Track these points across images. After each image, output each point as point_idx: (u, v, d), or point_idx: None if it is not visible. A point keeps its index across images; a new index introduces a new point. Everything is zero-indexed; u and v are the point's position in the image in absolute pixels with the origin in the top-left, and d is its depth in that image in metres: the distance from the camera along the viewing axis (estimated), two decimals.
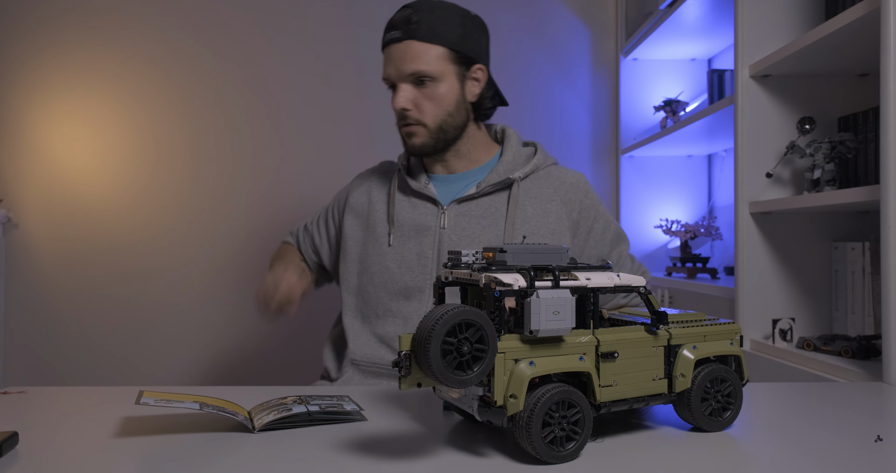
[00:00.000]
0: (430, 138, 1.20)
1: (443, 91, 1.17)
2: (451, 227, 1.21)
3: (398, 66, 1.15)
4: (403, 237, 1.23)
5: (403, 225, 1.23)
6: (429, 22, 1.14)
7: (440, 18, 1.15)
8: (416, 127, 1.19)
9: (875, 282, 1.34)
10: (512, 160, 1.26)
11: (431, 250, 1.21)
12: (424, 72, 1.15)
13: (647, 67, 2.43)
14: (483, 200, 1.23)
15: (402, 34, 1.13)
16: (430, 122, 1.18)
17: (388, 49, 1.17)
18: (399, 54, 1.15)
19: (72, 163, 2.43)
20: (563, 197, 1.25)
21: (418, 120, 1.18)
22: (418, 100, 1.17)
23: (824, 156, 1.40)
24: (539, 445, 0.62)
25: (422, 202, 1.25)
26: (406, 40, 1.14)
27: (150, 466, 0.66)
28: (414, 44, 1.14)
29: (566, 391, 0.64)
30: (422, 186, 1.25)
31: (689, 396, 0.72)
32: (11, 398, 0.94)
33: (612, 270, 0.72)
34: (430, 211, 1.23)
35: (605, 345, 0.68)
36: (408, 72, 1.15)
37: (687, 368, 0.71)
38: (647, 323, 0.73)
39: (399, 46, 1.14)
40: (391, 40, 1.16)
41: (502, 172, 1.23)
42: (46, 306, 2.43)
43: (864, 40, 1.27)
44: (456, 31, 1.17)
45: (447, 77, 1.17)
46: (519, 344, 0.65)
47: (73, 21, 2.42)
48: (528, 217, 1.21)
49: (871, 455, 0.67)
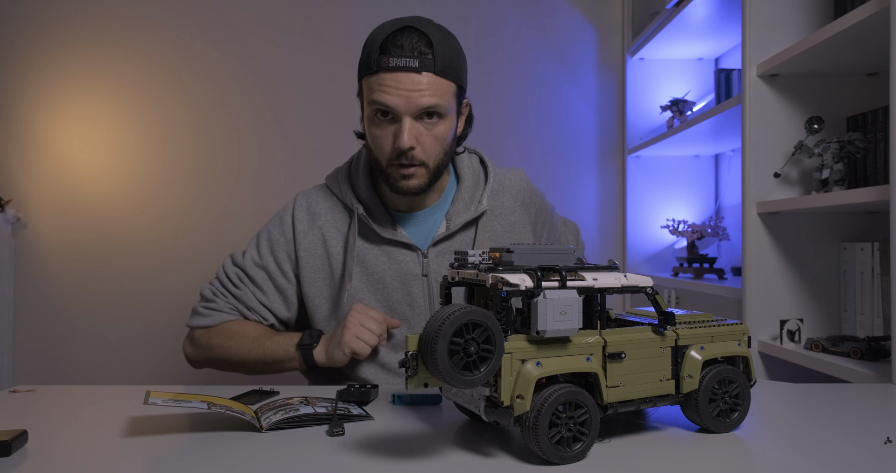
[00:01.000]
0: (427, 180, 1.09)
1: (445, 129, 1.07)
2: (436, 271, 1.15)
3: (412, 98, 1.01)
4: (387, 290, 1.15)
5: (384, 277, 1.14)
6: (445, 53, 1.03)
7: (452, 50, 1.05)
8: (417, 168, 1.07)
9: (884, 282, 1.33)
10: (472, 184, 1.19)
11: (423, 298, 1.15)
12: (441, 108, 1.04)
13: (653, 66, 2.43)
14: (458, 236, 1.17)
15: (420, 64, 1.01)
16: (431, 162, 1.08)
17: (396, 76, 1.01)
18: (413, 85, 1.01)
19: (80, 163, 2.45)
20: (521, 204, 1.23)
21: (422, 161, 1.06)
22: (422, 137, 1.05)
23: (833, 156, 1.39)
24: (546, 445, 0.62)
25: (397, 249, 1.15)
26: (425, 72, 1.01)
27: (158, 465, 0.66)
28: (431, 77, 1.02)
29: (573, 391, 0.64)
30: (392, 233, 1.14)
31: (697, 397, 0.72)
32: (21, 397, 0.95)
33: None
34: (409, 258, 1.14)
35: (612, 346, 0.68)
36: (423, 106, 1.02)
37: (694, 369, 0.71)
38: (655, 324, 0.72)
39: (415, 77, 1.01)
40: (404, 68, 1.01)
41: (468, 199, 1.17)
42: (55, 305, 2.44)
43: (872, 39, 1.26)
44: (462, 65, 1.09)
45: (451, 114, 1.08)
46: (526, 345, 0.65)
47: (81, 21, 2.43)
48: (497, 237, 1.18)
49: (880, 457, 0.67)
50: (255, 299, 1.17)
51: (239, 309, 1.18)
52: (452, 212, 1.17)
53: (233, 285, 1.18)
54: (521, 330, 0.68)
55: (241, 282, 1.18)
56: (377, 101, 1.03)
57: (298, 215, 1.18)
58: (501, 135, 2.45)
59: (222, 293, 1.19)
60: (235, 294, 1.18)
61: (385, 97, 1.02)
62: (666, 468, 0.63)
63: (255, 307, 1.17)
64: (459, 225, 1.15)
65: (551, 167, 2.50)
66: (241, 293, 1.17)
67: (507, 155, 2.45)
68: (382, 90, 1.02)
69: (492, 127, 2.41)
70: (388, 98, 1.02)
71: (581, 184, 2.52)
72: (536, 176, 2.50)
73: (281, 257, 1.18)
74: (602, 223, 2.52)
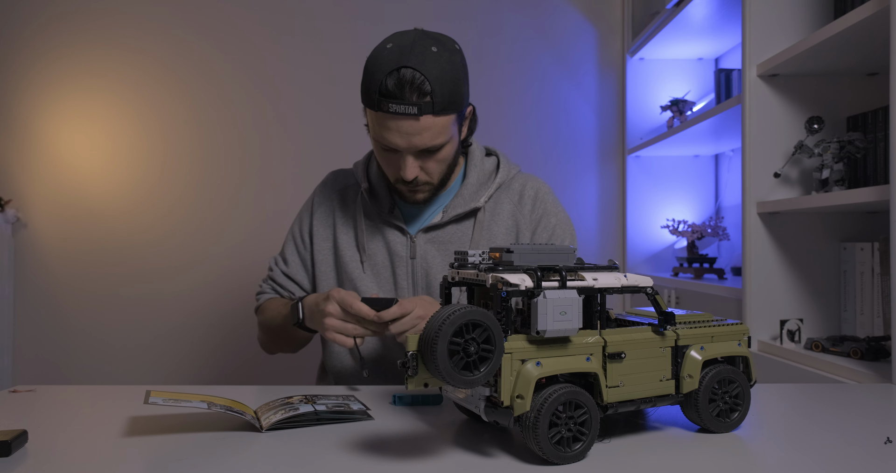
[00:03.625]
0: (432, 192, 1.18)
1: (448, 153, 1.13)
2: (422, 256, 1.20)
3: (412, 141, 1.06)
4: (377, 267, 1.21)
5: (375, 254, 1.21)
6: (444, 92, 1.04)
7: (453, 82, 1.05)
8: (422, 186, 1.15)
9: (884, 282, 1.33)
10: (476, 182, 1.23)
11: (406, 280, 1.20)
12: (440, 145, 1.09)
13: (653, 66, 2.43)
14: (449, 227, 1.21)
15: (419, 111, 1.02)
16: (436, 179, 1.16)
17: (398, 121, 1.04)
18: (413, 130, 1.04)
19: (80, 163, 2.45)
20: (521, 210, 1.25)
21: (426, 182, 1.15)
22: (425, 166, 1.12)
23: (833, 156, 1.39)
24: (546, 445, 0.62)
25: (389, 230, 1.22)
26: (424, 116, 1.03)
27: (157, 465, 0.66)
28: (430, 119, 1.04)
29: (573, 391, 0.64)
30: (389, 214, 1.21)
31: (697, 397, 0.72)
32: (21, 397, 0.95)
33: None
34: (399, 240, 1.21)
35: (612, 346, 0.68)
36: (422, 147, 1.07)
37: (694, 369, 0.71)
38: (655, 324, 0.72)
39: (415, 124, 1.04)
40: (404, 114, 1.03)
41: (467, 196, 1.21)
42: (55, 305, 2.44)
43: (872, 39, 1.26)
44: (463, 92, 1.09)
45: (453, 139, 1.13)
46: (525, 345, 0.65)
47: (81, 22, 2.43)
48: (493, 237, 1.22)
49: (880, 457, 0.67)
50: (282, 273, 1.30)
51: (274, 289, 1.32)
52: (450, 206, 1.22)
53: (270, 269, 1.33)
54: (521, 330, 0.68)
55: (275, 265, 1.32)
56: (380, 139, 1.09)
57: (319, 189, 1.33)
58: (502, 135, 2.45)
59: (265, 281, 1.34)
60: (271, 276, 1.32)
61: (388, 139, 1.08)
62: (666, 468, 0.63)
63: (283, 282, 1.30)
64: (451, 216, 1.20)
65: (551, 167, 2.50)
66: (273, 274, 1.31)
67: (508, 155, 2.45)
68: (386, 131, 1.07)
69: (492, 127, 2.40)
70: (389, 138, 1.07)
71: (581, 184, 2.52)
72: (537, 175, 2.51)
73: (304, 227, 1.30)
74: (602, 223, 2.52)
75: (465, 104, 1.12)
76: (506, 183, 1.26)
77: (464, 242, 1.21)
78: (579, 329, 0.66)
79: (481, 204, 1.21)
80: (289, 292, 1.29)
